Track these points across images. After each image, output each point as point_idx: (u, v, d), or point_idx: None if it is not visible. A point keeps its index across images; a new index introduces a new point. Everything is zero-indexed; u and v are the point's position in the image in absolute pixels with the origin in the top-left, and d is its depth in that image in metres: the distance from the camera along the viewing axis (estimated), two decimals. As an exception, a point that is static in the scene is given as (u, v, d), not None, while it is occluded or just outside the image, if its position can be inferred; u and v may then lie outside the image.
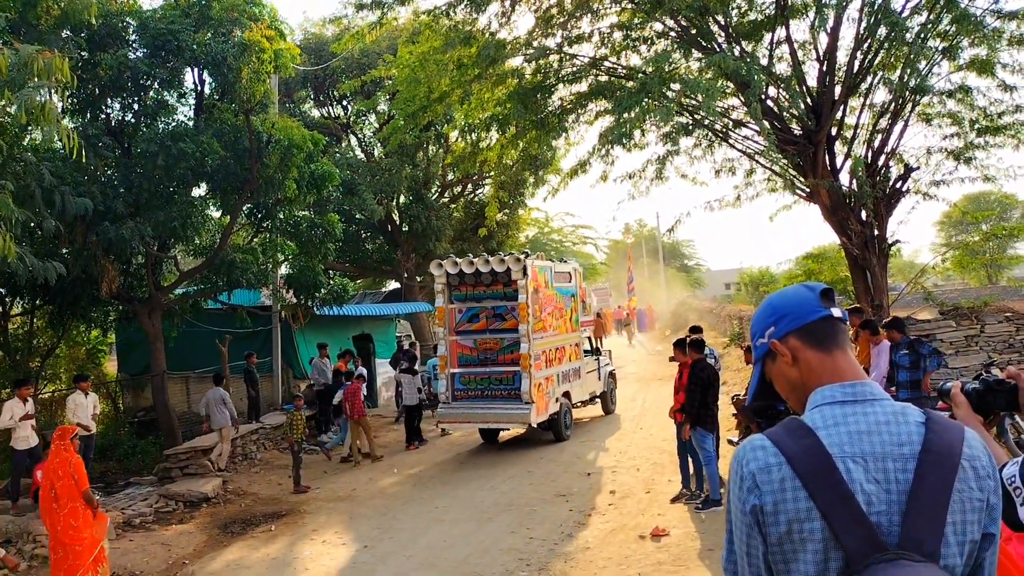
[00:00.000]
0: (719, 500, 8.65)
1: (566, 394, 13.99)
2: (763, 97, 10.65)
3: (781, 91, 11.43)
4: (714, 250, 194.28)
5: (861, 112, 11.95)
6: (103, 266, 12.04)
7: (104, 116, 13.08)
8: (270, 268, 15.41)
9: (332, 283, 16.17)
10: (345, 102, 24.00)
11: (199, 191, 14.43)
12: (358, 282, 28.12)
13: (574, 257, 26.12)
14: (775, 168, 12.26)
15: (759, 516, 1.52)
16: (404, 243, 23.96)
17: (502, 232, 25.15)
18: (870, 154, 11.75)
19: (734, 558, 1.60)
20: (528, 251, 14.28)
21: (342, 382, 14.26)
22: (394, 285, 27.55)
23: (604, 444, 13.30)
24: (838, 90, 11.26)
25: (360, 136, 25.39)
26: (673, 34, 11.39)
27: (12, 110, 7.39)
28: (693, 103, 11.07)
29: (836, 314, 1.68)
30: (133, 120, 13.32)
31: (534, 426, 13.06)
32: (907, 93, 10.75)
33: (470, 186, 26.27)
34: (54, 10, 10.63)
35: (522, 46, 11.44)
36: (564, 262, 15.27)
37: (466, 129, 13.73)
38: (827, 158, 11.61)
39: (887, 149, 11.73)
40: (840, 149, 12.11)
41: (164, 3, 13.05)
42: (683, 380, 9.11)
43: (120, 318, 15.83)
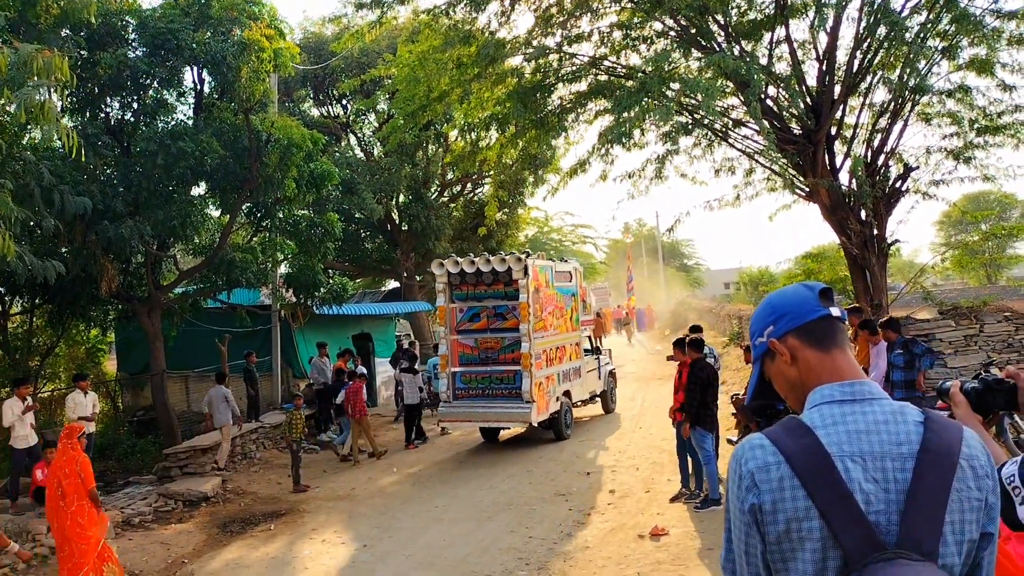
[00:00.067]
0: (718, 499, 8.65)
1: (566, 393, 14.00)
2: (763, 96, 10.64)
3: (781, 90, 11.42)
4: (713, 249, 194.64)
5: (861, 111, 11.95)
6: (102, 265, 12.04)
7: (103, 115, 13.07)
8: (269, 267, 15.41)
9: (331, 282, 16.17)
10: (344, 101, 24.00)
11: (198, 190, 14.43)
12: (357, 281, 28.10)
13: (574, 257, 26.08)
14: (775, 167, 12.27)
15: (758, 515, 1.52)
16: (403, 242, 23.96)
17: (501, 231, 25.13)
18: (870, 153, 11.75)
19: (733, 557, 1.61)
20: (529, 251, 14.28)
21: (344, 381, 14.26)
22: (393, 284, 27.55)
23: (603, 443, 13.30)
24: (838, 89, 11.26)
25: (359, 135, 25.39)
26: (673, 33, 11.39)
27: (12, 109, 7.39)
28: (693, 102, 11.06)
29: (835, 313, 1.68)
30: (132, 119, 13.32)
31: (535, 425, 13.08)
32: (907, 92, 10.75)
33: (470, 185, 26.27)
34: (53, 9, 10.62)
35: (521, 45, 11.43)
36: (565, 261, 15.27)
37: (465, 128, 13.73)
38: (827, 157, 11.61)
39: (887, 148, 11.73)
40: (840, 148, 12.12)
41: (163, 2, 13.03)
42: (683, 379, 9.12)
43: (119, 317, 15.82)
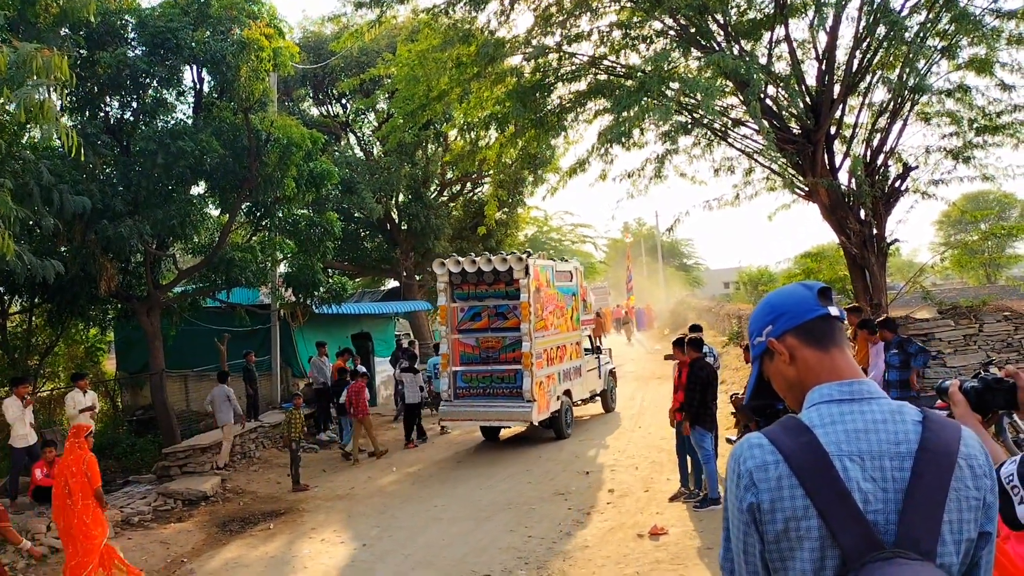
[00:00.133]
0: (717, 499, 8.66)
1: (567, 392, 14.04)
2: (762, 96, 10.64)
3: (780, 90, 11.43)
4: (713, 249, 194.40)
5: (860, 111, 11.96)
6: (102, 264, 12.03)
7: (103, 114, 13.05)
8: (269, 266, 15.39)
9: (331, 281, 16.17)
10: (344, 100, 23.99)
11: (198, 189, 14.42)
12: (357, 281, 28.09)
13: (573, 256, 26.08)
14: (774, 167, 12.27)
15: (756, 514, 1.52)
16: (403, 242, 23.95)
17: (501, 231, 25.13)
18: (869, 153, 11.76)
19: (731, 556, 1.61)
20: (530, 250, 14.31)
21: (347, 380, 14.28)
22: (393, 284, 27.54)
23: (603, 442, 13.30)
24: (837, 89, 11.26)
25: (359, 134, 25.38)
26: (672, 33, 11.39)
27: (11, 108, 7.39)
28: (692, 102, 11.06)
29: (833, 313, 1.69)
30: (132, 118, 13.30)
31: (535, 424, 13.12)
32: (906, 92, 10.75)
33: (469, 185, 26.26)
34: (53, 8, 10.61)
35: (521, 44, 11.43)
36: (565, 261, 15.31)
37: (465, 128, 13.73)
38: (826, 157, 11.62)
39: (886, 148, 11.73)
40: (839, 148, 12.12)
41: (163, 1, 13.00)
42: (682, 379, 9.13)
43: (119, 316, 15.80)
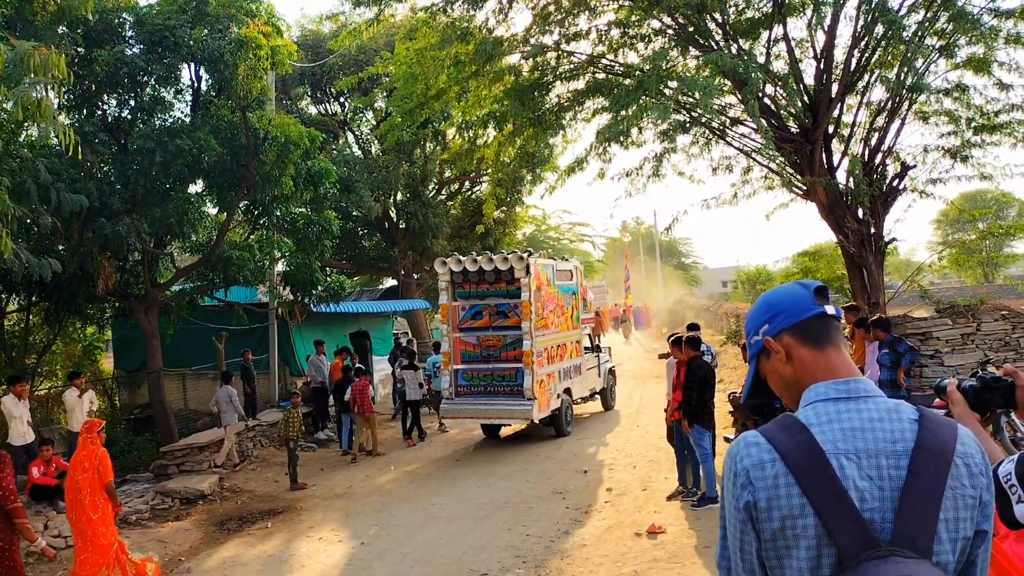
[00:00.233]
0: (715, 498, 8.65)
1: (567, 390, 14.11)
2: (760, 95, 10.65)
3: (778, 89, 11.43)
4: (711, 248, 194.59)
5: (858, 110, 11.96)
6: (99, 263, 12.02)
7: (100, 112, 13.04)
8: (267, 265, 15.38)
9: (329, 280, 16.16)
10: (342, 99, 23.94)
11: (196, 188, 14.40)
12: (355, 279, 28.11)
13: (573, 255, 26.08)
14: (772, 166, 12.26)
15: (752, 512, 1.52)
16: (401, 240, 23.93)
17: (499, 230, 25.13)
18: (867, 152, 11.76)
19: (728, 554, 1.61)
20: (531, 249, 14.33)
21: (352, 378, 14.33)
22: (391, 282, 27.52)
23: (601, 441, 13.32)
24: (835, 88, 11.26)
25: (357, 133, 25.34)
26: (670, 32, 11.38)
27: (8, 106, 7.38)
28: (690, 101, 11.07)
29: (830, 311, 1.69)
30: (129, 116, 13.28)
31: (536, 422, 13.20)
32: (904, 91, 10.75)
33: (467, 183, 26.23)
34: (50, 6, 10.59)
35: (519, 43, 11.41)
36: (566, 260, 15.35)
37: (463, 126, 13.72)
38: (824, 156, 11.62)
39: (884, 147, 11.74)
40: (837, 147, 12.13)
41: (161, -1, 13.02)
42: (680, 378, 9.12)
43: (116, 315, 15.79)
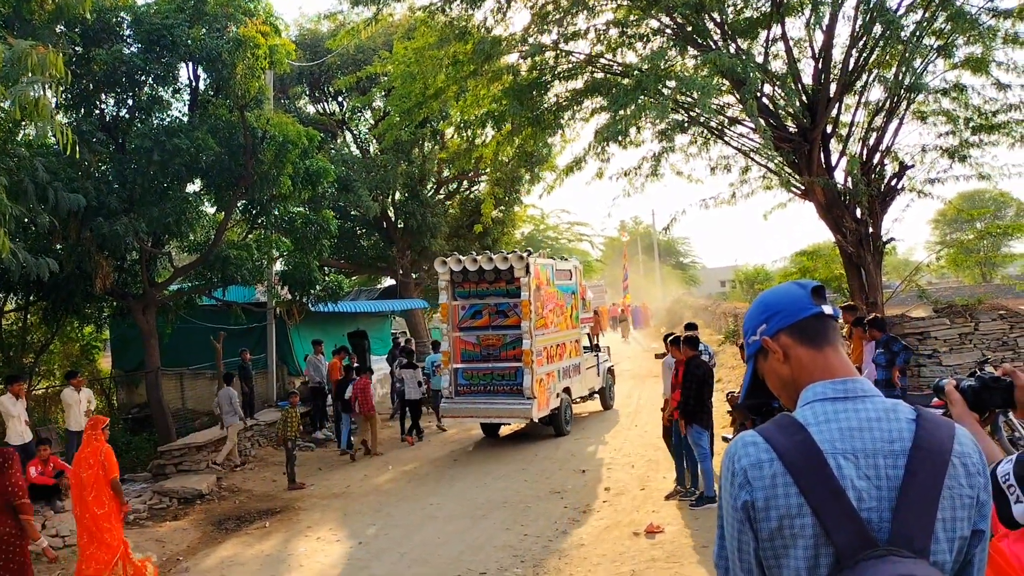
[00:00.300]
0: (713, 497, 8.65)
1: (566, 389, 14.14)
2: (758, 95, 10.65)
3: (777, 89, 11.42)
4: (709, 248, 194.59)
5: (856, 110, 11.96)
6: (97, 262, 12.01)
7: (98, 111, 13.03)
8: (265, 264, 15.38)
9: (327, 280, 16.16)
10: (340, 98, 23.92)
11: (193, 187, 14.41)
12: (353, 279, 28.08)
13: (572, 255, 26.07)
14: (770, 165, 12.26)
15: (750, 512, 1.52)
16: (399, 240, 23.92)
17: (498, 229, 25.10)
18: (865, 152, 11.77)
19: (725, 554, 1.61)
20: (530, 249, 14.35)
21: (352, 377, 14.35)
22: (389, 282, 27.50)
23: (599, 441, 13.32)
24: (833, 88, 11.26)
25: (355, 132, 25.32)
26: (669, 31, 11.37)
27: (6, 105, 7.37)
28: (688, 100, 11.07)
29: (827, 311, 1.69)
30: (127, 115, 13.28)
31: (535, 421, 13.23)
32: (902, 91, 10.76)
33: (466, 183, 26.22)
34: (48, 5, 10.57)
35: (517, 42, 11.40)
36: (565, 260, 15.38)
37: (461, 125, 13.72)
38: (822, 156, 11.63)
39: (882, 147, 11.75)
40: (835, 147, 12.13)
41: (158, -2, 13.00)
42: (679, 377, 9.12)
43: (114, 314, 15.78)
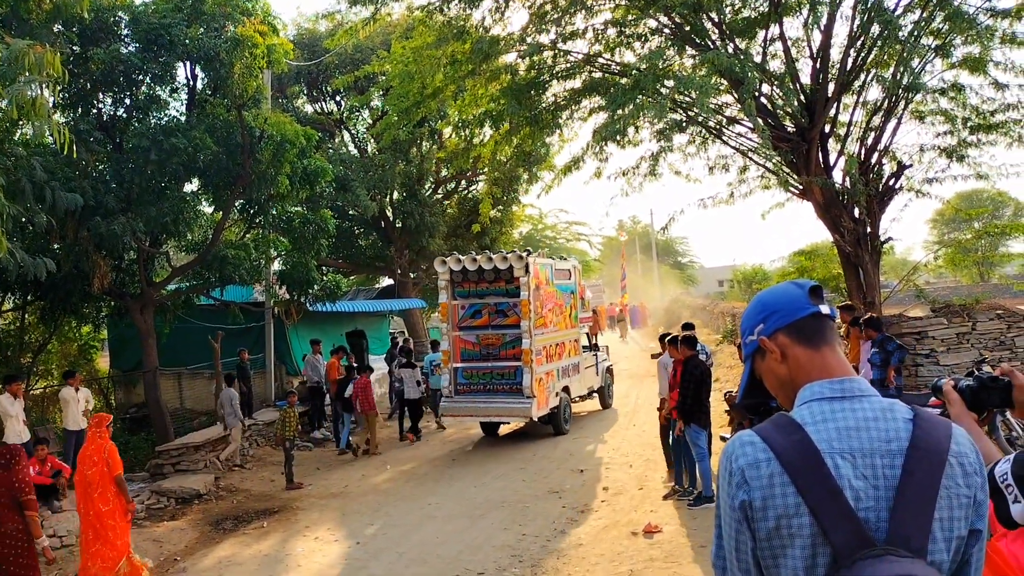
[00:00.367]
0: (711, 497, 8.66)
1: (565, 389, 14.19)
2: (757, 94, 10.65)
3: (775, 88, 11.43)
4: (707, 247, 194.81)
5: (854, 109, 11.98)
6: (94, 262, 12.00)
7: (95, 111, 13.02)
8: (263, 264, 15.36)
9: (325, 279, 16.15)
10: (338, 98, 23.89)
11: (191, 186, 14.40)
12: (351, 278, 28.05)
13: (570, 254, 26.09)
14: (768, 165, 12.27)
15: (748, 512, 1.52)
16: (397, 239, 23.90)
17: (496, 229, 25.10)
18: (863, 151, 11.78)
19: (723, 553, 1.61)
20: (529, 248, 14.36)
21: (354, 376, 14.36)
22: (387, 281, 27.50)
23: (597, 440, 13.33)
24: (831, 87, 11.27)
25: (353, 132, 25.30)
26: (667, 31, 11.37)
27: (3, 104, 7.35)
28: (687, 100, 11.07)
29: (824, 311, 1.69)
30: (125, 115, 13.26)
31: (535, 420, 13.27)
32: (900, 91, 10.76)
33: (464, 182, 26.21)
34: (45, 4, 10.54)
35: (516, 42, 11.40)
36: (564, 259, 15.40)
37: (460, 125, 13.73)
38: (820, 155, 11.63)
39: (880, 146, 11.75)
40: (833, 146, 12.13)
41: (156, -3, 12.98)
42: (677, 377, 9.12)
43: (112, 314, 15.78)
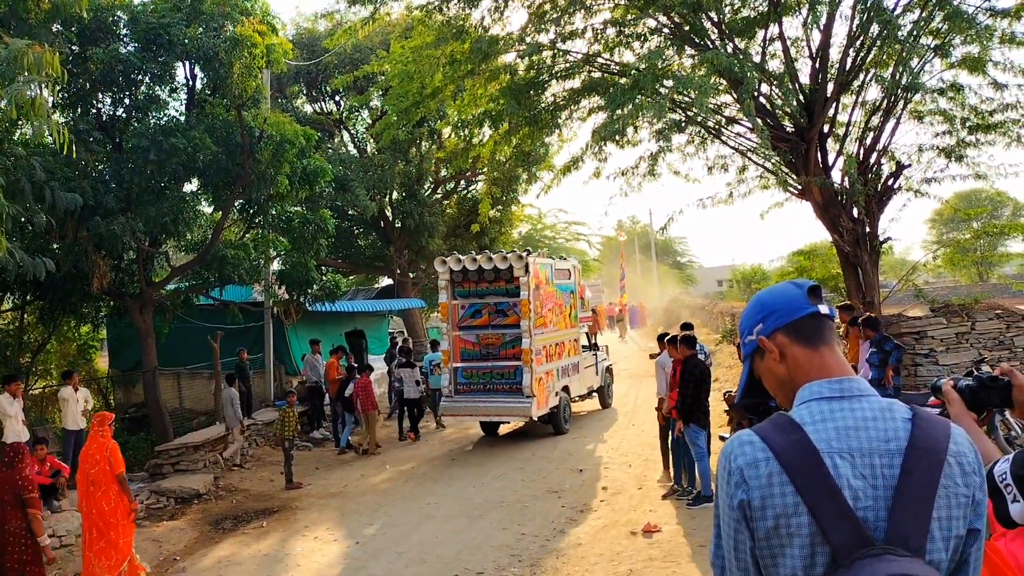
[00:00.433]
0: (710, 496, 8.66)
1: (565, 388, 14.20)
2: (756, 94, 10.65)
3: (774, 88, 11.44)
4: (707, 247, 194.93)
5: (853, 109, 11.99)
6: (94, 261, 11.99)
7: (95, 111, 13.01)
8: (262, 264, 15.35)
9: (324, 279, 16.15)
10: (338, 97, 23.90)
11: (191, 186, 14.39)
12: (350, 278, 28.05)
13: (569, 254, 26.10)
14: (767, 165, 12.28)
15: (747, 511, 1.52)
16: (397, 239, 23.90)
17: (495, 229, 25.10)
18: (862, 151, 11.79)
19: (722, 553, 1.61)
20: (529, 248, 14.38)
21: (354, 376, 14.37)
22: (387, 281, 27.51)
23: (596, 440, 13.33)
24: (830, 87, 11.28)
25: (353, 132, 25.31)
26: (666, 31, 11.38)
27: (2, 104, 7.34)
28: (686, 100, 11.07)
29: (823, 311, 1.69)
30: (124, 115, 13.26)
31: (535, 419, 13.29)
32: (899, 91, 10.78)
33: (463, 182, 26.22)
34: (44, 4, 10.54)
35: (515, 42, 11.40)
36: (564, 259, 15.42)
37: (459, 125, 13.73)
38: (819, 155, 11.64)
39: (879, 146, 11.76)
40: (832, 146, 12.15)
41: (155, -3, 12.98)
42: (676, 377, 9.12)
43: (111, 314, 15.77)
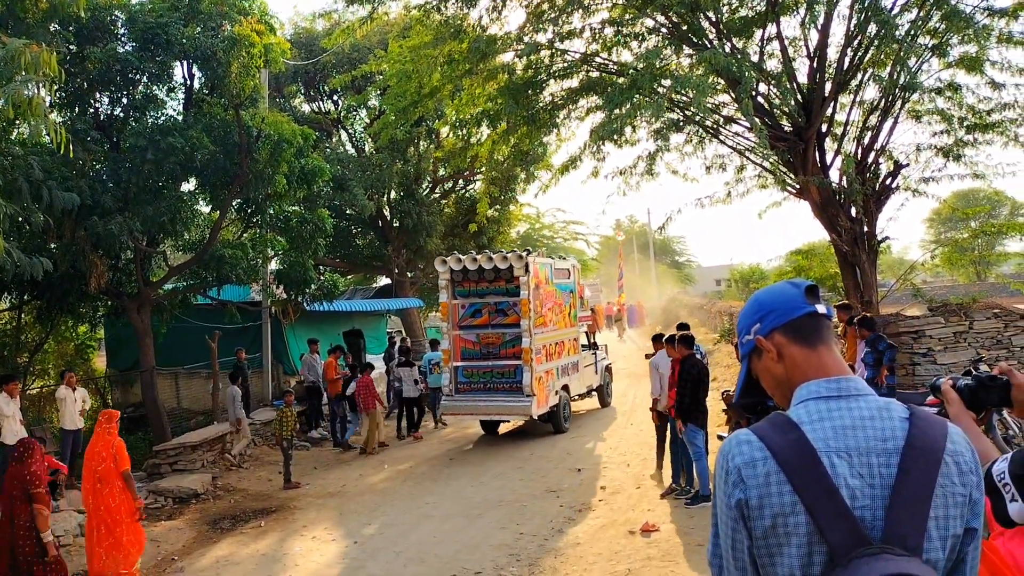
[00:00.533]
0: (708, 496, 8.67)
1: (565, 387, 14.24)
2: (754, 94, 10.66)
3: (772, 88, 11.44)
4: (705, 246, 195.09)
5: (851, 109, 12.00)
6: (91, 261, 11.98)
7: (92, 110, 13.01)
8: (260, 263, 15.35)
9: (322, 279, 16.16)
10: (336, 97, 23.89)
11: (188, 186, 14.39)
12: (348, 278, 28.04)
13: (568, 254, 26.12)
14: (765, 164, 12.29)
15: (744, 510, 1.52)
16: (395, 239, 23.89)
17: (493, 228, 25.09)
18: (860, 151, 11.80)
19: (720, 552, 1.61)
20: (529, 248, 14.41)
21: (356, 375, 14.36)
22: (385, 281, 27.49)
23: (595, 439, 13.35)
24: (828, 87, 11.29)
25: (351, 131, 25.28)
26: (664, 30, 11.38)
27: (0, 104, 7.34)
28: (684, 99, 11.08)
29: (821, 310, 1.69)
30: (122, 114, 13.25)
31: (535, 418, 13.33)
32: (897, 90, 10.79)
33: (461, 182, 26.21)
34: (42, 3, 10.53)
35: (513, 41, 11.40)
36: (563, 259, 15.45)
37: (457, 124, 13.71)
38: (817, 155, 11.65)
39: (877, 146, 11.77)
40: (830, 146, 12.16)
41: (153, -3, 12.97)
42: (674, 376, 9.13)
43: (109, 314, 15.76)
